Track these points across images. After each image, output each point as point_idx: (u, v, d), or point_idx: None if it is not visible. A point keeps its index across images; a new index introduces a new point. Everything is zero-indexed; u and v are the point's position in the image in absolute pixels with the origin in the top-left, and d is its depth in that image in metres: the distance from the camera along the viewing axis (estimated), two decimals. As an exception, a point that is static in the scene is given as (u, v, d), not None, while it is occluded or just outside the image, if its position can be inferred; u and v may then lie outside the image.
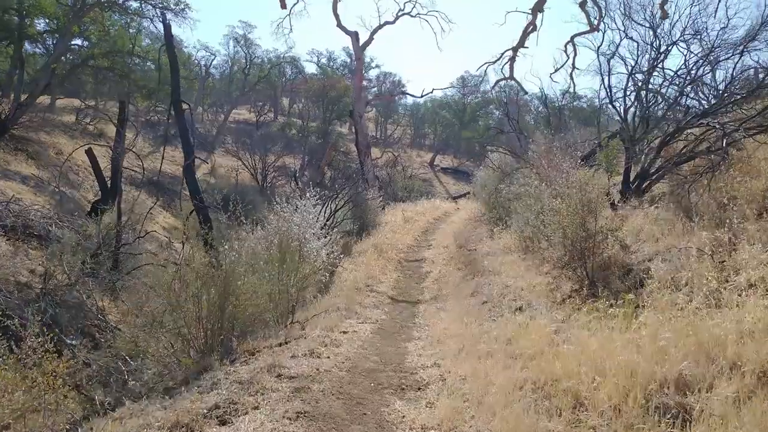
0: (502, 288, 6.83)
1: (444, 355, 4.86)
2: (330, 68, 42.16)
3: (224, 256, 5.95)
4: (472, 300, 7.12)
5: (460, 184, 39.31)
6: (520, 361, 4.11)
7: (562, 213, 6.15)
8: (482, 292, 7.21)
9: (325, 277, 7.69)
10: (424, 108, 47.11)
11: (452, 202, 25.17)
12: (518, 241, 9.73)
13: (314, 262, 7.63)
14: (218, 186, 26.66)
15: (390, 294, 8.60)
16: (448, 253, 12.17)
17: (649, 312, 4.47)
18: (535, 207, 8.25)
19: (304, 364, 4.44)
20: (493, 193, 13.02)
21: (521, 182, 12.32)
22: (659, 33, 8.43)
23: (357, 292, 8.05)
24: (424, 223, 17.10)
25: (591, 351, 3.83)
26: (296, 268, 7.13)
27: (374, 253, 11.66)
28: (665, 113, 8.57)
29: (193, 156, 10.74)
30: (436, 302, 7.86)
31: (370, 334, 5.85)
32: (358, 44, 19.13)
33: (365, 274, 9.54)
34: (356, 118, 19.12)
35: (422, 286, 9.48)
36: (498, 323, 5.51)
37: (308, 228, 8.57)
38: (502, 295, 6.58)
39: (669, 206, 6.83)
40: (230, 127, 36.68)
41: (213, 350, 5.41)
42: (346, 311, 6.75)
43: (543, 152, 9.81)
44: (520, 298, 6.30)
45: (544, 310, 5.65)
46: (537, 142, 12.77)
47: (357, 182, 15.67)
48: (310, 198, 10.61)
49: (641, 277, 5.36)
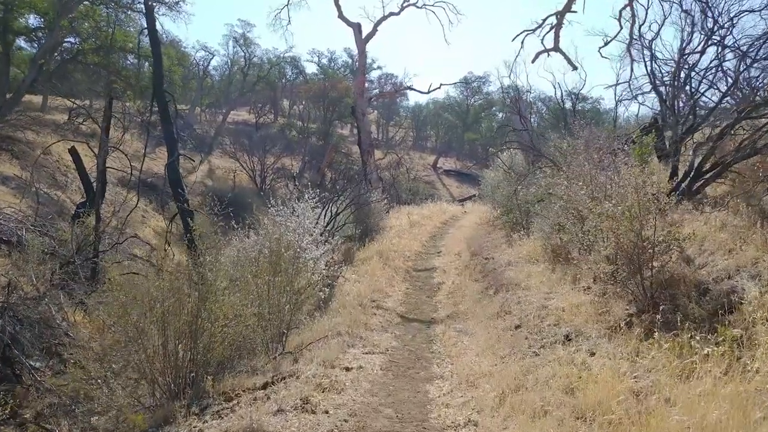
0: (538, 308, 5.65)
1: (479, 405, 3.69)
2: (331, 69, 41.20)
3: (201, 270, 4.79)
4: (500, 322, 5.94)
5: (464, 186, 38.42)
6: (595, 427, 2.94)
7: (615, 217, 4.99)
8: (511, 312, 6.03)
9: (324, 292, 6.54)
10: (426, 110, 46.25)
11: (459, 205, 24.17)
12: (543, 249, 8.57)
13: (311, 275, 6.48)
14: (215, 188, 25.73)
15: (399, 311, 7.43)
16: (461, 262, 11.00)
17: (758, 351, 3.31)
18: (568, 210, 7.08)
19: (293, 425, 3.27)
20: (510, 195, 11.84)
21: (542, 182, 11.21)
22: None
23: (361, 310, 6.88)
24: (431, 228, 15.95)
25: (700, 415, 2.66)
26: (290, 282, 5.98)
27: (379, 261, 10.50)
28: (725, 96, 7.35)
29: (177, 153, 9.62)
30: (454, 322, 6.68)
31: (380, 370, 4.67)
32: (360, 37, 18.01)
33: (370, 287, 8.38)
34: (358, 115, 18.00)
35: (435, 301, 8.31)
36: (543, 359, 4.33)
37: (305, 234, 7.42)
38: (539, 318, 5.41)
39: (739, 210, 5.66)
40: (229, 129, 35.77)
41: (180, 393, 4.26)
42: (349, 336, 5.58)
43: (573, 148, 8.63)
44: (563, 322, 5.13)
45: (600, 340, 4.48)
46: (553, 139, 11.65)
47: (359, 183, 14.52)
48: (308, 200, 9.49)
49: (728, 300, 4.18)
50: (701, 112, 7.54)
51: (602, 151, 7.54)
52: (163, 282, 4.64)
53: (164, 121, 9.62)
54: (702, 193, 7.16)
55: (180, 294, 4.65)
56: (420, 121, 47.10)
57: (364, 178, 15.37)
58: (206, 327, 4.59)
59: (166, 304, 4.56)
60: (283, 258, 6.02)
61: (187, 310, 4.58)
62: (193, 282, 4.62)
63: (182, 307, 4.59)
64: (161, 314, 4.53)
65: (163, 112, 9.58)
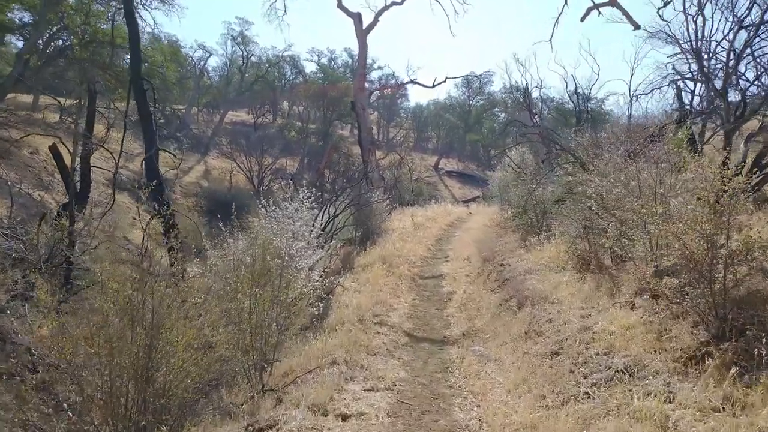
0: (578, 329, 4.62)
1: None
2: (331, 68, 40.29)
3: (158, 287, 3.77)
4: (530, 345, 4.91)
5: (466, 187, 37.64)
6: None
7: (686, 219, 3.96)
8: (543, 333, 5.00)
9: (317, 307, 5.51)
10: (427, 111, 45.37)
11: (464, 207, 23.21)
12: (568, 255, 7.55)
13: (302, 287, 5.46)
14: (211, 189, 24.82)
15: (406, 328, 6.39)
16: (472, 268, 9.98)
17: None
18: (607, 210, 6.03)
19: None
20: (524, 195, 10.81)
21: (561, 180, 10.20)
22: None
23: (362, 328, 5.85)
24: (437, 230, 14.92)
25: None
26: (277, 296, 4.96)
27: (382, 267, 9.47)
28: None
29: (156, 147, 8.61)
30: (472, 342, 5.65)
31: (386, 417, 3.63)
32: (361, 27, 17.00)
33: (372, 298, 7.35)
34: (358, 110, 16.98)
35: (446, 314, 7.27)
36: (602, 404, 3.30)
37: (297, 238, 6.39)
38: (581, 343, 4.37)
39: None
40: (227, 129, 34.97)
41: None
42: (347, 365, 4.54)
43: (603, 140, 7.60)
44: (615, 349, 4.10)
45: (672, 378, 3.45)
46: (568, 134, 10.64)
47: (360, 182, 13.50)
48: (304, 200, 8.47)
49: None
50: (754, 100, 6.53)
51: (640, 142, 6.50)
52: (105, 300, 3.62)
53: (141, 111, 8.63)
54: (759, 190, 6.15)
55: (131, 317, 3.63)
56: (421, 122, 46.25)
57: (365, 176, 14.35)
58: (163, 362, 3.57)
59: (111, 330, 3.54)
60: (268, 267, 5.01)
61: (139, 339, 3.55)
62: (146, 304, 3.60)
63: (133, 334, 3.57)
64: (105, 343, 3.51)
65: (140, 101, 8.59)
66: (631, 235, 5.38)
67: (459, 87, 43.11)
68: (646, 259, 5.21)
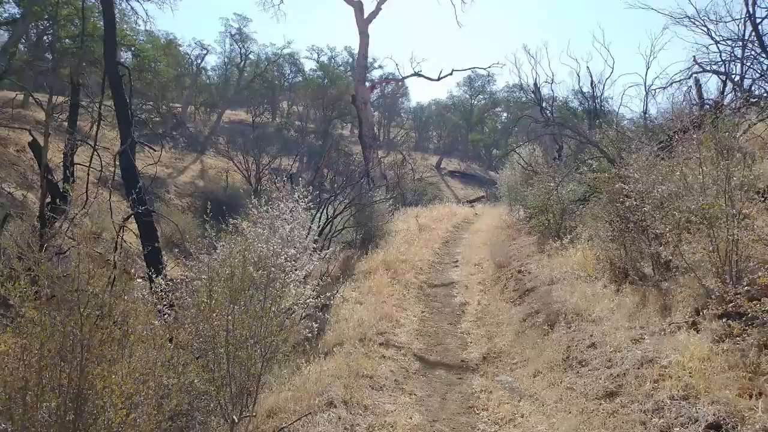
0: (638, 362, 3.67)
1: None
2: (331, 67, 39.41)
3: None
4: (572, 377, 3.97)
5: (469, 188, 36.92)
6: None
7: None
8: (587, 363, 4.05)
9: (310, 329, 4.56)
10: (428, 110, 44.49)
11: (468, 207, 22.31)
12: (600, 262, 6.61)
13: (294, 303, 4.52)
14: (206, 188, 23.97)
15: (416, 349, 5.45)
16: (485, 275, 9.05)
17: None
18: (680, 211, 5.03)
19: None
20: (541, 195, 9.85)
21: (584, 178, 9.26)
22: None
23: (364, 350, 4.92)
24: (443, 232, 13.98)
25: None
26: (260, 318, 4.04)
27: (385, 274, 8.53)
28: None
29: (132, 139, 7.69)
30: (497, 369, 4.71)
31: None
32: (362, 16, 16.06)
33: (375, 311, 6.41)
34: (359, 104, 16.05)
35: (461, 330, 6.33)
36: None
37: (287, 247, 5.44)
38: (647, 381, 3.43)
39: None
40: (225, 128, 34.18)
41: None
42: (347, 408, 3.60)
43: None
44: (695, 392, 3.16)
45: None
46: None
47: (360, 181, 12.56)
48: (299, 199, 7.52)
49: None
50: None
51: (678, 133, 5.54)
52: (26, 330, 2.69)
53: (116, 98, 7.72)
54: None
55: (57, 352, 2.71)
56: (422, 121, 45.41)
57: (366, 174, 13.41)
58: (98, 403, 2.65)
59: (28, 372, 2.61)
60: (251, 280, 4.09)
61: (66, 381, 2.63)
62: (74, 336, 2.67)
63: (59, 376, 2.65)
64: (20, 390, 2.59)
65: (114, 87, 7.68)
66: (690, 241, 4.44)
67: (461, 86, 42.24)
68: (712, 271, 4.26)
